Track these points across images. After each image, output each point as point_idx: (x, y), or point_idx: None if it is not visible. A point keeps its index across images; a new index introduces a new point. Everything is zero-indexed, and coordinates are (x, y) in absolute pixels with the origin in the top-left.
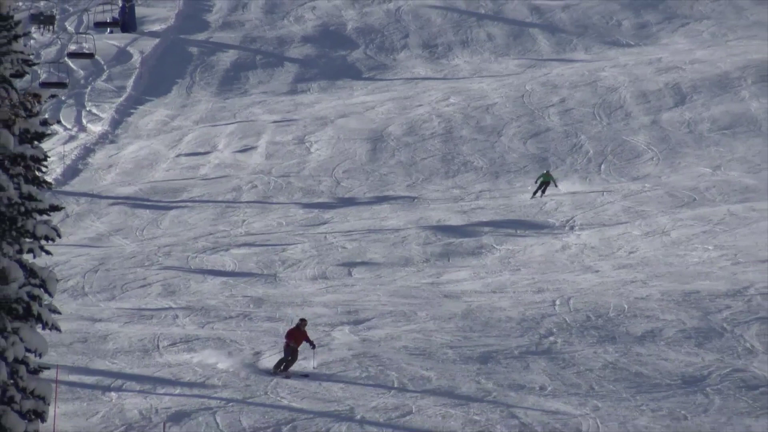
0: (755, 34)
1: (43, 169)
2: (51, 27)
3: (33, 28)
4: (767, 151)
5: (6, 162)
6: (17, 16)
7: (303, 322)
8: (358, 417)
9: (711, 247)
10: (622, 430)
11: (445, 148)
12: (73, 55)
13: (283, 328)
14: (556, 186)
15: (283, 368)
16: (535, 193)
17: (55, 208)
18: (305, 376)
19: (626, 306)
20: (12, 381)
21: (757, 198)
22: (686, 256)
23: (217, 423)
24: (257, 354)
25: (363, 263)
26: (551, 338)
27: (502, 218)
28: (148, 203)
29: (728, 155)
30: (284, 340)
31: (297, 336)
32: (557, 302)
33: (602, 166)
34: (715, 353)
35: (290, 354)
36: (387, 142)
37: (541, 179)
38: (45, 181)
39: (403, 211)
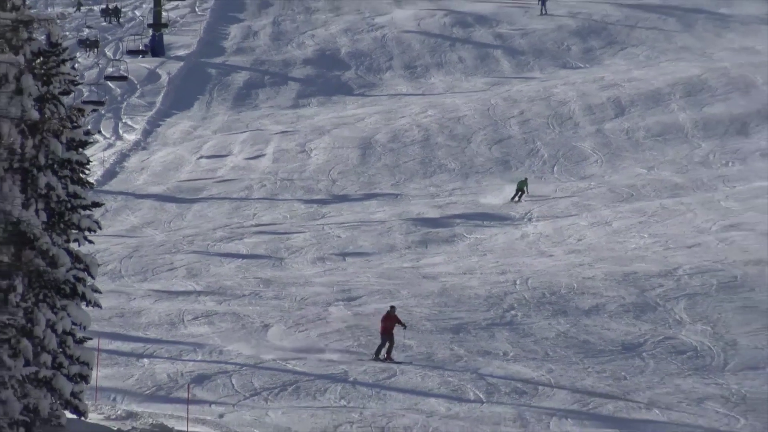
0: (682, 57)
1: (86, 172)
2: (95, 50)
3: (79, 53)
4: (692, 155)
5: (55, 166)
6: (66, 42)
7: (393, 308)
8: (351, 379)
9: (646, 235)
10: (572, 389)
11: (423, 152)
12: (109, 78)
13: (288, 304)
14: (527, 194)
15: (386, 354)
16: (513, 197)
17: (96, 205)
18: (409, 363)
19: (575, 285)
20: (61, 349)
21: (685, 194)
22: (625, 242)
23: (232, 384)
24: (266, 326)
25: (354, 250)
26: (512, 312)
27: (471, 212)
28: (174, 200)
29: (660, 158)
30: (380, 326)
31: (389, 321)
32: (517, 282)
33: (555, 168)
34: (649, 324)
35: (387, 339)
36: (374, 148)
37: (518, 186)
38: (88, 182)
39: (388, 205)
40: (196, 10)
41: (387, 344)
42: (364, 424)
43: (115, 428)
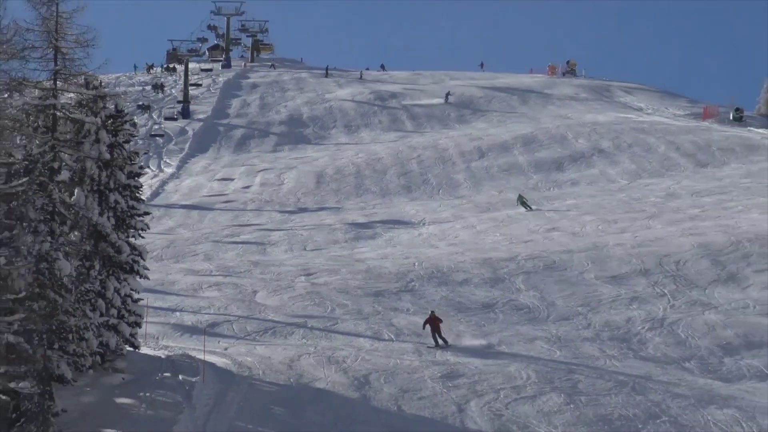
0: (521, 121)
1: (139, 193)
2: (148, 112)
3: (136, 115)
4: (527, 183)
5: (120, 189)
6: (127, 108)
7: (433, 312)
8: (309, 326)
9: (498, 235)
10: (449, 331)
11: (356, 181)
12: (154, 135)
13: (269, 277)
14: (525, 202)
15: (442, 342)
16: (526, 207)
17: (146, 213)
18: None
19: (452, 266)
20: (123, 306)
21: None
22: (485, 239)
23: (233, 329)
24: (255, 292)
25: (312, 243)
26: (413, 283)
27: (386, 219)
28: (197, 210)
29: (507, 185)
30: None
31: (434, 322)
32: (415, 264)
33: (440, 191)
34: (500, 291)
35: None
36: (324, 178)
37: (520, 201)
38: (140, 199)
39: (334, 215)
40: (210, 89)
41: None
42: (317, 354)
43: (162, 356)
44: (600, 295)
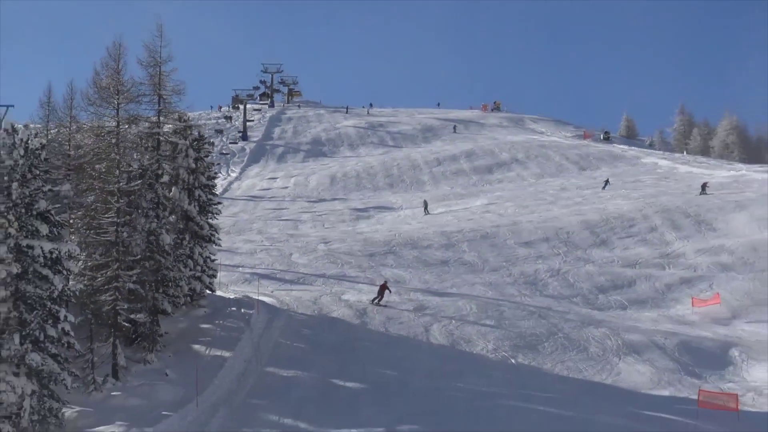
0: (464, 141)
1: (214, 189)
2: (221, 135)
3: (213, 137)
4: (468, 182)
5: (202, 187)
6: (207, 132)
7: (385, 282)
8: (326, 276)
9: (450, 216)
10: (420, 280)
11: (357, 182)
12: (223, 153)
13: (300, 244)
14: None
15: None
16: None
17: (218, 203)
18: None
19: (421, 237)
20: (204, 263)
21: (467, 197)
22: (441, 219)
23: (277, 279)
24: (291, 254)
25: (328, 222)
26: (395, 248)
27: (377, 206)
28: (253, 201)
29: (455, 183)
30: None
31: (383, 288)
32: (397, 235)
33: (412, 187)
34: (452, 253)
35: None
36: (336, 179)
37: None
38: (215, 193)
39: (341, 204)
40: (260, 122)
41: (378, 296)
42: (332, 295)
43: (231, 297)
44: (517, 254)
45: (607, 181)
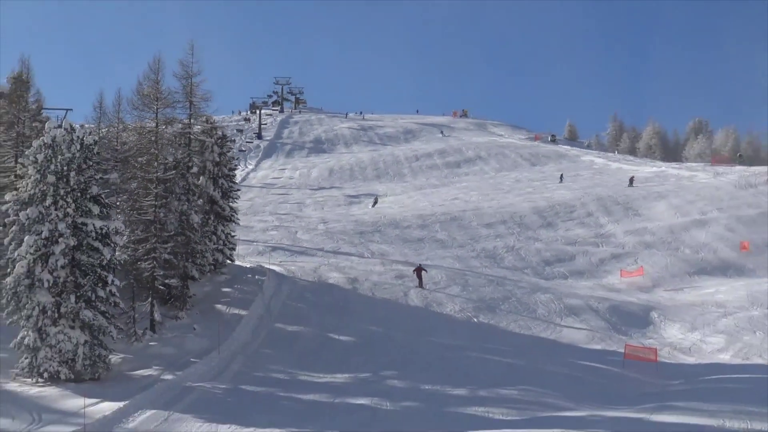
0: (438, 141)
1: (234, 179)
2: (241, 134)
3: (235, 136)
4: (441, 174)
5: (224, 177)
6: (229, 132)
7: (420, 266)
8: (325, 250)
9: (425, 202)
10: (401, 254)
11: (351, 173)
12: (241, 150)
13: (303, 224)
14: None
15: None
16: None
17: (237, 190)
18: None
19: (402, 218)
20: (225, 239)
21: (438, 186)
22: (418, 204)
23: (285, 252)
24: (296, 232)
25: (326, 206)
26: (380, 228)
27: (367, 193)
28: (266, 188)
29: (429, 176)
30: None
31: (419, 271)
32: (382, 217)
33: (395, 179)
34: (426, 232)
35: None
36: (334, 171)
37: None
38: (235, 182)
39: (338, 191)
40: (272, 124)
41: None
42: (329, 265)
43: (247, 266)
44: (480, 233)
45: (561, 176)
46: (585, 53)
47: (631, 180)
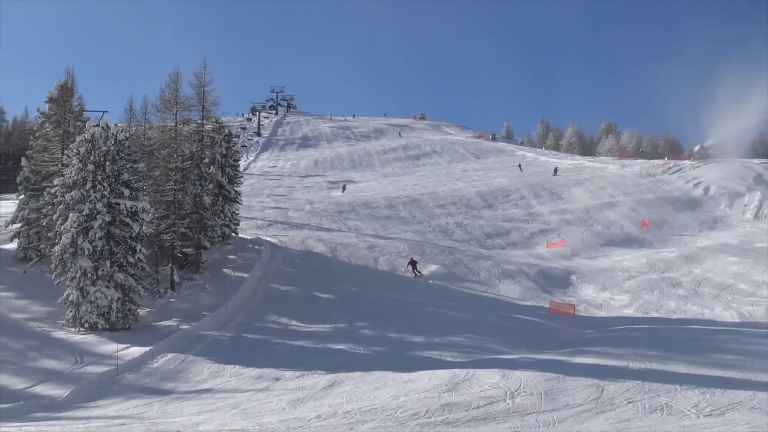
0: (402, 139)
1: (239, 168)
2: (244, 131)
3: (239, 133)
4: (402, 165)
5: (230, 166)
6: (235, 130)
7: (412, 258)
8: (311, 225)
9: (392, 187)
10: (374, 228)
11: (331, 163)
12: (243, 146)
13: (294, 204)
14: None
15: (418, 274)
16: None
17: (241, 177)
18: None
19: (372, 200)
20: (230, 216)
21: (404, 176)
22: (386, 189)
23: (278, 226)
24: (288, 210)
25: (312, 191)
26: (355, 207)
27: (344, 179)
28: (265, 176)
29: (395, 166)
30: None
31: (413, 262)
32: (356, 199)
33: (367, 168)
34: (392, 211)
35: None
36: (320, 162)
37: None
38: (239, 170)
39: (321, 178)
40: (268, 125)
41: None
42: (314, 237)
43: (248, 238)
44: (435, 213)
45: (519, 165)
46: (519, 68)
47: (556, 170)
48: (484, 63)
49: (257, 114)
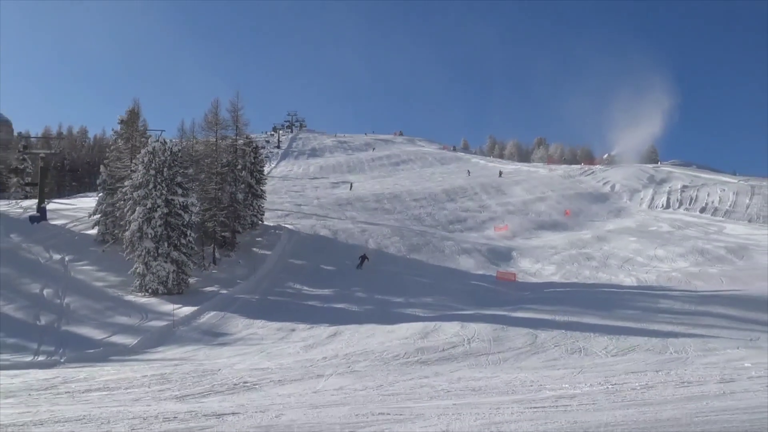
0: (385, 151)
1: (263, 172)
2: (268, 144)
3: (264, 145)
4: (385, 170)
5: (257, 172)
6: (261, 144)
7: (364, 254)
8: (317, 215)
9: (379, 186)
10: (362, 218)
11: (333, 169)
12: (266, 157)
13: (305, 200)
14: (351, 187)
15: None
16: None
17: (265, 179)
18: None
19: (364, 196)
20: (256, 209)
21: (401, 176)
22: (375, 187)
23: (293, 215)
24: (301, 204)
25: (318, 190)
26: (352, 201)
27: (342, 181)
28: (283, 179)
29: (382, 170)
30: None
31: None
32: (353, 196)
33: (359, 172)
34: (379, 204)
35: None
36: (326, 167)
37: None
38: (263, 174)
39: (325, 179)
40: (286, 140)
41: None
42: (321, 225)
43: (271, 225)
44: (411, 206)
45: (468, 171)
46: (472, 95)
47: (500, 173)
48: (446, 89)
49: (277, 132)
